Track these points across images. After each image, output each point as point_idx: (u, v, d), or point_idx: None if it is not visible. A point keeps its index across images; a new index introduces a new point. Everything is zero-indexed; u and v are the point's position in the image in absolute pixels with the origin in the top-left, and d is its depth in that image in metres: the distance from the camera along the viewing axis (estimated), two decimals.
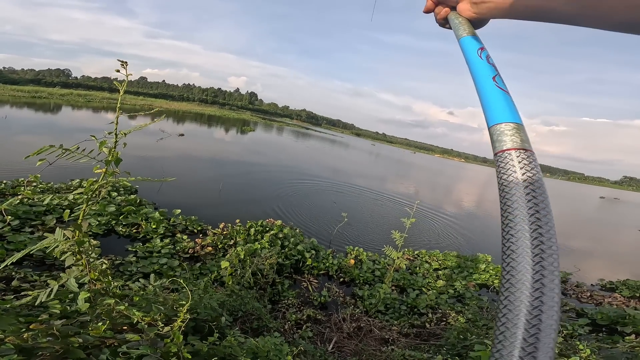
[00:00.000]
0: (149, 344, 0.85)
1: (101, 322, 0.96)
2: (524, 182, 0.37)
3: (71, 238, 1.05)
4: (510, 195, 0.38)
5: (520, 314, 0.31)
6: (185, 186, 8.43)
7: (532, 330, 0.30)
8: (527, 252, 0.34)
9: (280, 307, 3.93)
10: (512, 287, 0.33)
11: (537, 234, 0.34)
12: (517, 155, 0.40)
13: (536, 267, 0.33)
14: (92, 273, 1.04)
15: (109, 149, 1.03)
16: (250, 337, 1.27)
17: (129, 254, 4.13)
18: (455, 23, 0.59)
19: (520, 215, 0.36)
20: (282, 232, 5.43)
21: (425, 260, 6.22)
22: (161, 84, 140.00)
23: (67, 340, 0.86)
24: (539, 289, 0.31)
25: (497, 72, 0.49)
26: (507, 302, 0.33)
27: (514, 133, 0.42)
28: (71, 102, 32.24)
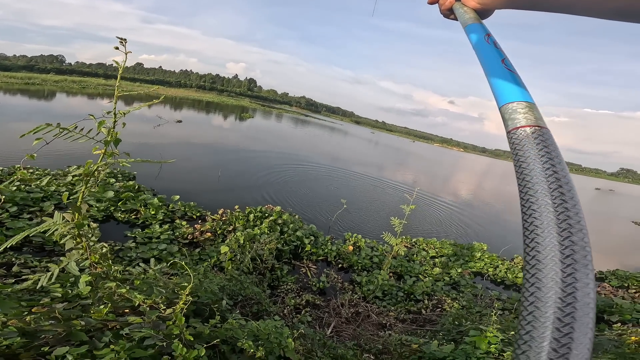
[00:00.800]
0: (151, 326, 0.86)
1: (103, 305, 0.96)
2: (541, 157, 0.36)
3: (71, 221, 1.04)
4: (529, 171, 0.35)
5: (549, 311, 0.28)
6: (184, 172, 8.39)
7: (564, 329, 0.27)
8: (554, 235, 0.31)
9: (279, 292, 3.99)
10: (539, 281, 0.30)
11: (563, 208, 0.32)
12: (532, 131, 0.38)
13: (566, 251, 0.30)
14: (93, 256, 1.04)
15: (107, 129, 1.00)
16: (251, 320, 1.29)
17: (128, 239, 4.14)
18: (461, 12, 0.60)
19: (542, 191, 0.33)
20: (281, 218, 5.46)
21: (422, 248, 6.31)
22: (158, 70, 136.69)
23: (70, 323, 0.87)
24: (570, 282, 0.28)
25: (505, 56, 0.49)
26: (533, 299, 0.30)
27: (527, 111, 0.41)
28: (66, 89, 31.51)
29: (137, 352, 0.77)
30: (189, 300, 0.94)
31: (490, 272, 5.79)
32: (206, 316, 1.26)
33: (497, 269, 5.88)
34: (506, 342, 2.17)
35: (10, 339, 0.77)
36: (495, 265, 5.97)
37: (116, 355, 0.73)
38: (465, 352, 2.03)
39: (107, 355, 0.73)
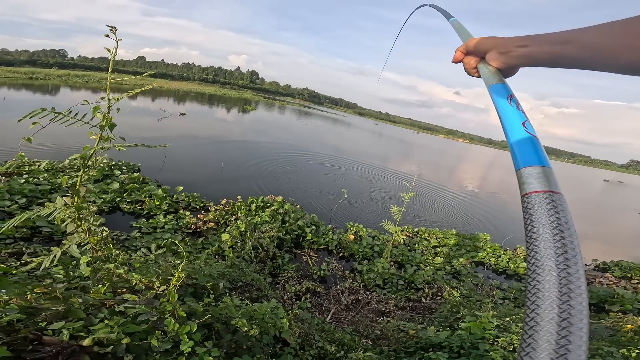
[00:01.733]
0: (145, 303, 0.90)
1: (101, 285, 1.01)
2: (551, 222, 0.37)
3: (70, 204, 1.08)
4: (538, 236, 0.37)
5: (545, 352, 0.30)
6: (188, 164, 8.48)
7: None
8: (554, 299, 0.33)
9: (280, 279, 4.07)
10: (534, 342, 0.32)
11: (566, 273, 0.34)
12: (545, 197, 0.40)
13: (563, 315, 0.32)
14: (92, 238, 1.08)
15: (102, 114, 1.02)
16: (247, 302, 1.34)
17: (134, 229, 4.25)
18: (485, 72, 0.61)
19: (548, 256, 0.35)
20: (283, 208, 5.52)
21: (424, 238, 6.33)
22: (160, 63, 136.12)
23: (69, 301, 0.91)
24: (563, 345, 0.30)
25: (526, 118, 0.51)
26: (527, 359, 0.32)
27: (542, 176, 0.42)
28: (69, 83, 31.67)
29: (130, 327, 0.81)
30: (181, 278, 0.98)
31: (492, 262, 5.80)
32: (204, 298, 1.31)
33: (499, 259, 5.89)
34: (501, 329, 2.20)
35: (11, 315, 0.82)
36: (498, 255, 5.98)
37: (110, 330, 0.77)
38: (460, 337, 2.07)
39: (101, 329, 0.77)
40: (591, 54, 0.46)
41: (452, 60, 0.71)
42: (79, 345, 0.72)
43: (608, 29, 0.45)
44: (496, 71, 0.60)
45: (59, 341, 0.72)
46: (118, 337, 0.76)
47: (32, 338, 0.72)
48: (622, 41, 0.43)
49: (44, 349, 0.69)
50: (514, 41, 0.57)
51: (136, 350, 0.79)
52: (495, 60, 0.60)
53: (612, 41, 0.44)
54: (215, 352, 0.90)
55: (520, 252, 6.64)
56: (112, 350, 0.75)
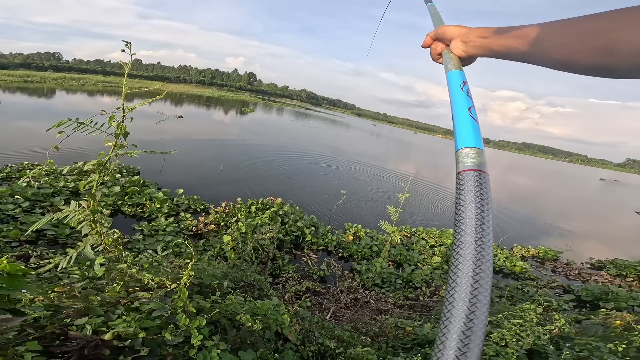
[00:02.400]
0: (158, 300, 0.97)
1: (115, 284, 1.08)
2: (475, 198, 0.43)
3: (86, 208, 1.15)
4: (464, 209, 0.43)
5: (460, 310, 0.37)
6: (187, 167, 8.54)
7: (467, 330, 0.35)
8: (471, 256, 0.39)
9: (280, 280, 4.15)
10: (456, 286, 0.38)
11: (480, 242, 0.40)
12: (475, 175, 0.45)
13: (476, 270, 0.38)
14: (106, 239, 1.15)
15: (117, 123, 1.10)
16: (251, 299, 1.41)
17: (136, 232, 4.31)
18: (447, 58, 0.65)
19: (470, 226, 0.41)
20: (282, 210, 5.59)
21: (422, 238, 6.42)
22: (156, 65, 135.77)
23: (88, 299, 0.99)
24: (476, 289, 0.37)
25: (472, 104, 0.55)
26: (449, 315, 0.38)
27: (476, 156, 0.48)
28: (65, 86, 31.56)
29: (146, 323, 0.88)
30: (191, 275, 1.05)
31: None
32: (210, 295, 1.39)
33: (495, 258, 5.98)
34: (494, 325, 2.28)
35: (38, 312, 0.89)
36: (494, 254, 6.07)
37: (127, 325, 0.85)
38: None
39: (119, 325, 0.84)
40: (534, 48, 0.49)
41: (422, 44, 0.74)
42: (101, 339, 0.80)
43: (556, 25, 0.47)
44: (456, 58, 0.63)
45: (83, 336, 0.80)
46: (135, 332, 0.83)
47: (58, 333, 0.80)
48: (561, 39, 0.45)
49: (70, 342, 0.77)
50: (476, 32, 0.60)
51: (151, 343, 0.86)
52: (457, 49, 0.63)
53: (553, 37, 0.46)
54: (222, 345, 0.97)
55: (517, 250, 6.74)
56: (129, 344, 0.82)
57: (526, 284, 5.21)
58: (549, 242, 8.18)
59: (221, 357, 0.94)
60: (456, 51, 0.64)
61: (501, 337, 2.10)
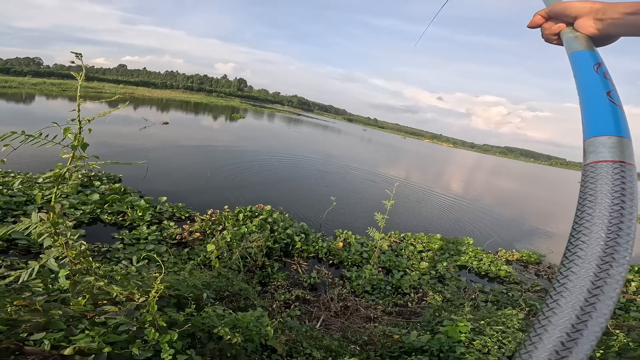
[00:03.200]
0: (126, 314, 0.91)
1: (81, 297, 1.01)
2: (612, 193, 0.35)
3: (46, 220, 1.08)
4: (594, 205, 0.35)
5: (562, 319, 0.31)
6: (172, 174, 8.32)
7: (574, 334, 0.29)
8: (594, 259, 0.32)
9: (269, 288, 4.05)
10: (565, 290, 0.32)
11: (614, 243, 0.33)
12: (614, 168, 0.37)
13: (597, 279, 0.31)
14: (70, 252, 1.08)
15: (74, 135, 1.04)
16: (230, 311, 1.35)
17: (116, 241, 4.13)
18: (571, 38, 0.56)
19: (599, 225, 0.34)
20: (272, 217, 5.51)
21: (410, 243, 6.44)
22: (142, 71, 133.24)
23: (49, 313, 0.91)
24: (590, 302, 0.30)
25: (613, 88, 0.47)
26: (553, 305, 0.32)
27: (616, 146, 0.39)
28: (45, 92, 30.50)
29: (111, 337, 0.82)
30: (160, 289, 0.99)
31: (474, 265, 5.97)
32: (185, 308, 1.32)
33: (481, 262, 6.06)
34: (477, 332, 2.28)
35: None
36: (480, 259, 6.15)
37: (91, 339, 0.78)
38: (439, 341, 2.14)
39: (82, 339, 0.78)
40: None
41: (529, 25, 0.63)
42: (61, 355, 0.73)
43: None
44: (585, 38, 0.54)
45: (40, 351, 0.73)
46: (99, 347, 0.77)
47: (13, 349, 0.72)
48: None
49: (25, 358, 0.70)
50: (619, 7, 0.50)
51: (117, 359, 0.80)
52: (588, 27, 0.54)
53: None
54: (198, 359, 0.91)
55: (501, 255, 6.85)
56: (93, 359, 0.75)
57: (511, 287, 5.29)
58: (531, 245, 8.38)
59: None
60: (585, 30, 0.54)
61: (484, 344, 2.09)
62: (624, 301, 4.70)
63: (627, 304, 4.64)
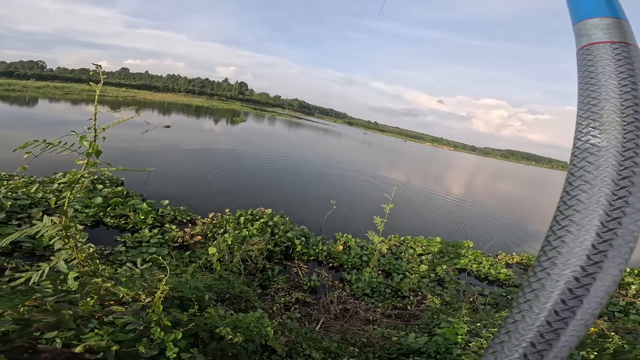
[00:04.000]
0: (132, 314, 0.95)
1: (89, 298, 1.06)
2: (618, 75, 0.30)
3: (58, 223, 1.13)
4: (599, 87, 0.31)
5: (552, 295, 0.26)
6: (174, 177, 8.39)
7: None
8: (614, 155, 0.27)
9: (269, 291, 4.08)
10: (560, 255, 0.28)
11: (634, 134, 0.28)
12: (615, 48, 0.33)
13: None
14: (80, 254, 1.13)
15: (89, 143, 1.10)
16: (231, 312, 1.40)
17: (118, 244, 4.18)
18: None
19: (612, 108, 0.29)
20: (272, 220, 5.55)
21: (410, 246, 6.47)
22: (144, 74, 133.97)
23: (59, 313, 0.96)
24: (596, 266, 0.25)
25: None
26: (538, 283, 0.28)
27: (612, 27, 0.35)
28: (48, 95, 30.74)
29: (119, 336, 0.87)
30: (166, 290, 1.04)
31: (474, 269, 5.98)
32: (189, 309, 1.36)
33: (480, 265, 6.07)
34: (473, 334, 2.31)
35: (6, 326, 0.86)
36: (479, 262, 6.17)
37: (100, 338, 0.83)
38: (436, 343, 2.17)
39: (91, 338, 0.82)
40: None
41: None
42: (72, 353, 0.78)
43: None
44: None
45: (53, 349, 0.77)
46: (108, 345, 0.82)
47: (27, 347, 0.77)
48: None
49: (39, 356, 0.74)
50: None
51: (125, 357, 0.85)
52: None
53: None
54: (200, 357, 0.96)
55: (502, 258, 6.85)
56: (102, 356, 0.80)
57: (510, 290, 5.30)
58: (532, 248, 8.38)
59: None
60: None
61: (480, 346, 2.13)
62: (624, 304, 4.70)
63: (626, 307, 4.64)
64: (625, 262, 0.26)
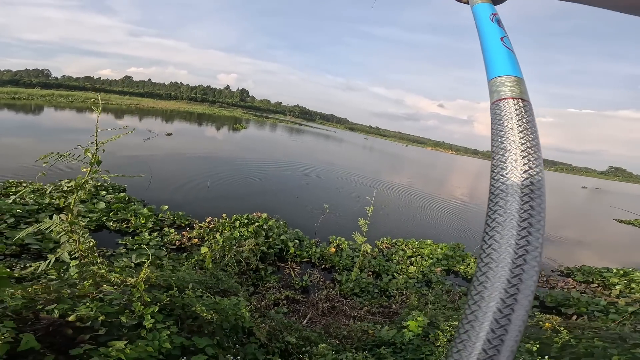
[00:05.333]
0: (119, 292, 1.19)
1: (86, 282, 1.29)
2: (519, 127, 0.37)
3: (65, 220, 1.39)
4: (505, 140, 0.38)
5: (492, 303, 0.30)
6: (174, 184, 8.68)
7: (499, 329, 0.29)
8: (517, 195, 0.33)
9: (261, 289, 4.30)
10: (495, 244, 0.32)
11: (529, 175, 0.34)
12: (515, 103, 0.40)
13: (524, 215, 0.31)
14: (81, 245, 1.38)
15: (92, 154, 1.36)
16: (209, 295, 1.62)
17: (120, 246, 4.44)
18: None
19: (513, 157, 0.36)
20: (267, 224, 5.78)
21: (401, 248, 6.64)
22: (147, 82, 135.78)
23: (60, 292, 1.20)
24: (518, 272, 0.30)
25: (505, 34, 0.51)
26: (482, 279, 0.32)
27: (514, 85, 0.43)
28: (53, 103, 31.42)
29: (105, 309, 1.10)
30: (147, 272, 1.28)
31: (461, 270, 6.14)
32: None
33: (468, 267, 6.22)
34: (434, 327, 2.53)
35: (16, 302, 1.11)
36: (467, 263, 6.32)
37: (89, 310, 1.06)
38: (403, 335, 2.40)
39: (82, 310, 1.06)
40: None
41: None
42: (66, 321, 1.01)
43: None
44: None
45: (51, 318, 1.01)
46: (95, 315, 1.05)
47: (31, 317, 1.01)
48: None
49: (39, 323, 0.98)
50: None
51: (109, 325, 1.08)
52: None
53: None
54: (174, 328, 1.19)
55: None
56: (90, 324, 1.03)
57: None
58: None
59: (172, 338, 1.16)
60: None
61: (436, 337, 2.34)
62: (605, 304, 4.83)
63: (607, 306, 4.77)
64: (531, 299, 0.31)
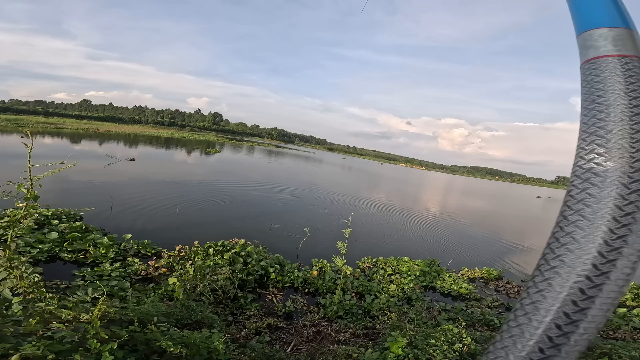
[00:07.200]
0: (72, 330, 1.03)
1: (32, 319, 1.11)
2: (628, 92, 0.27)
3: (3, 256, 1.22)
4: (603, 113, 0.27)
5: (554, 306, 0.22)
6: (139, 211, 8.07)
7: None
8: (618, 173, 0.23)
9: (241, 318, 3.99)
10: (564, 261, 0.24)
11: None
12: (621, 61, 0.30)
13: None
14: (23, 282, 1.20)
15: (27, 189, 1.25)
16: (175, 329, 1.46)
17: (76, 278, 4.01)
18: None
19: (617, 140, 0.26)
20: (245, 250, 5.51)
21: (381, 267, 6.62)
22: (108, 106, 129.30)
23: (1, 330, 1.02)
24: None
25: None
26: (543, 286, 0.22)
27: (620, 38, 0.32)
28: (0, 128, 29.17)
29: (55, 347, 0.94)
30: (102, 308, 1.13)
31: (438, 285, 6.22)
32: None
33: (444, 282, 6.32)
34: (413, 346, 2.53)
35: None
36: (443, 278, 6.43)
37: (37, 349, 0.90)
38: (385, 356, 2.35)
39: (28, 348, 0.89)
40: None
41: None
42: None
43: None
44: None
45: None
46: (44, 354, 0.89)
47: None
48: None
49: None
50: None
51: None
52: None
53: None
54: None
55: (463, 273, 7.12)
56: None
57: (471, 304, 5.54)
58: (493, 262, 8.80)
59: None
60: None
61: (415, 357, 2.32)
62: None
63: None
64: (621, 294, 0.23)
